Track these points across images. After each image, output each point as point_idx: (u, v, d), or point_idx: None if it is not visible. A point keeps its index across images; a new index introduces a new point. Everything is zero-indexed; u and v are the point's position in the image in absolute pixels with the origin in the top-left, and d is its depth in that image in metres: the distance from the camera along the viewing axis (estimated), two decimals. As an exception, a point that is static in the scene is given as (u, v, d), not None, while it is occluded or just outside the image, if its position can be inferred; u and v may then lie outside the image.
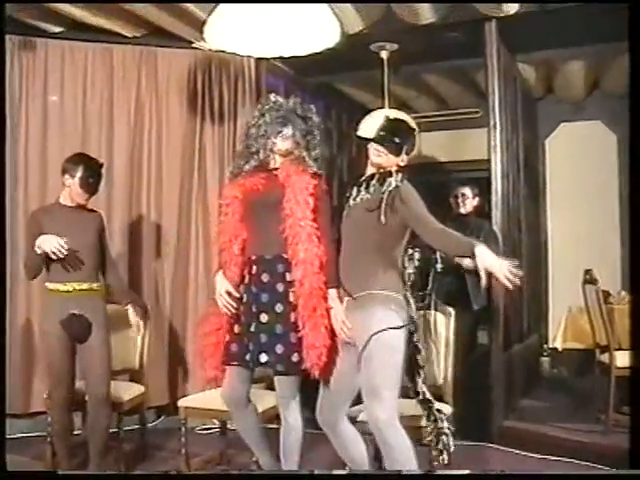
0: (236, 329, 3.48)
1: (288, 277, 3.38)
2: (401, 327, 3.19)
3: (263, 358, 3.37)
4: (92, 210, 4.38)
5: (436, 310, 4.10)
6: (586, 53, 6.07)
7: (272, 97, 3.64)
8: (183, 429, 4.20)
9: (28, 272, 4.20)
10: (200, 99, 5.66)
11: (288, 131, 3.49)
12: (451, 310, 4.07)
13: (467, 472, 3.74)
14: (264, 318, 3.39)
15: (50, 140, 5.34)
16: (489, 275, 2.97)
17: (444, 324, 4.03)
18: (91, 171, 4.18)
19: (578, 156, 7.27)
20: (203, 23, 3.96)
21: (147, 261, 5.56)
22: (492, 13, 4.98)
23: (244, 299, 3.47)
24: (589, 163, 7.15)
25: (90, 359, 4.13)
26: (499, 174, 5.19)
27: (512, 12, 4.91)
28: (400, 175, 3.29)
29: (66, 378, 4.12)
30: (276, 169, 3.50)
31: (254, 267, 3.44)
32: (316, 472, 3.49)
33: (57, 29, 5.31)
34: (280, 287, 3.39)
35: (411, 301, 3.31)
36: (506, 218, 5.34)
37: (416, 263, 3.35)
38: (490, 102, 5.19)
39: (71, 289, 4.13)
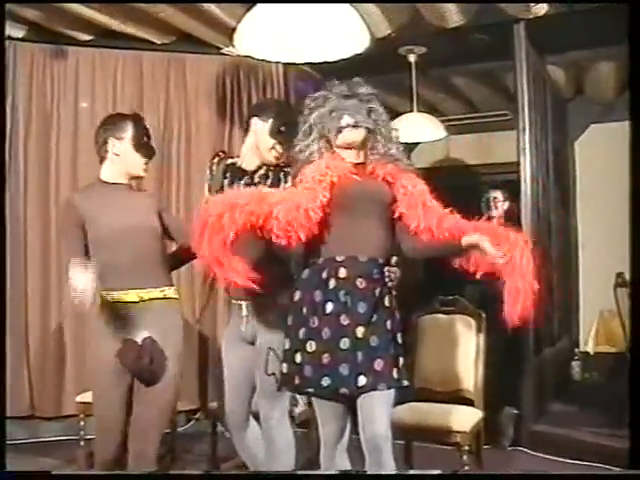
0: (309, 346, 2.82)
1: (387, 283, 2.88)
2: None
3: (361, 381, 2.72)
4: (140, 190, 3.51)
5: (467, 314, 4.09)
6: (616, 54, 5.99)
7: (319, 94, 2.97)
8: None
9: None
10: (229, 105, 5.69)
11: (350, 121, 2.87)
12: (482, 314, 4.06)
13: (469, 472, 3.71)
14: (360, 332, 2.76)
15: (81, 146, 5.38)
16: None
17: (475, 328, 4.02)
18: (143, 129, 3.25)
19: (608, 158, 7.19)
20: (233, 30, 3.98)
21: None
22: (521, 15, 4.96)
23: (326, 308, 2.81)
24: (620, 165, 7.05)
25: (147, 403, 3.02)
26: (528, 177, 5.17)
27: (541, 13, 4.88)
28: None
29: (116, 435, 3.05)
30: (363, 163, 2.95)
31: (342, 270, 2.83)
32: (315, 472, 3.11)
33: (88, 37, 5.38)
34: (377, 293, 2.83)
35: None
36: (535, 221, 5.31)
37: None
38: (519, 104, 5.16)
39: (137, 299, 3.02)
